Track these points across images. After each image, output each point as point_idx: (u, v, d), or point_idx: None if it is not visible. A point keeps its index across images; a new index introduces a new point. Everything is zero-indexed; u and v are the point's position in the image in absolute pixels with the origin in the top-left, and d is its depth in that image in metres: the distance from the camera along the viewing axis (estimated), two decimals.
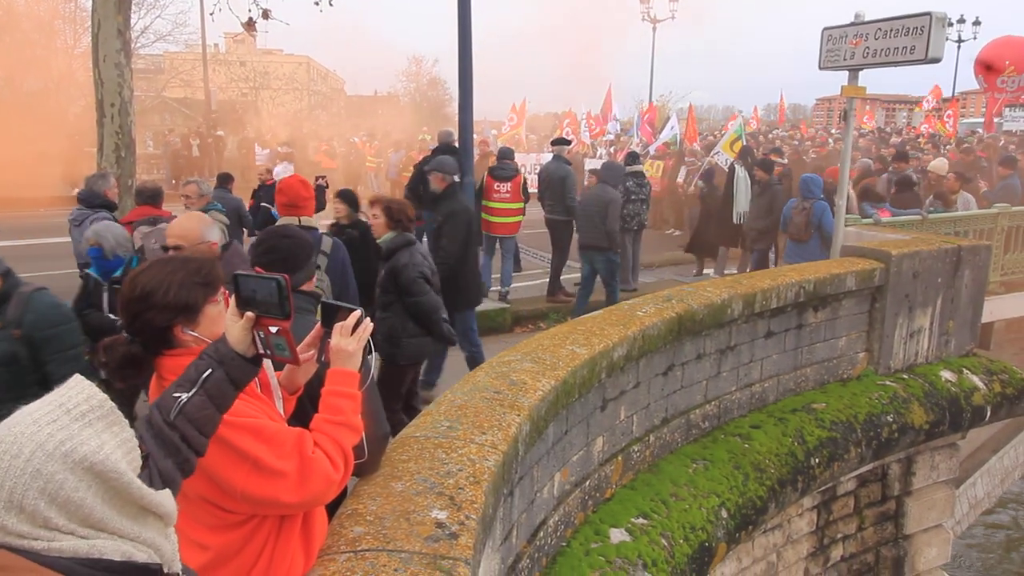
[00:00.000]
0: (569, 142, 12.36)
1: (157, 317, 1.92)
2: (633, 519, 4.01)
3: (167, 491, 1.28)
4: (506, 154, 10.16)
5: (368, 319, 2.11)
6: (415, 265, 5.03)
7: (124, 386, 1.96)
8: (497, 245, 9.94)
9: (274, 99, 44.07)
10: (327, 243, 5.20)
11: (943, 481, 6.41)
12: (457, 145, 9.27)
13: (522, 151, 21.49)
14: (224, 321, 1.85)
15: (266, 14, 6.67)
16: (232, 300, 1.82)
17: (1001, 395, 6.25)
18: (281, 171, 16.16)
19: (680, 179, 15.16)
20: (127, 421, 1.20)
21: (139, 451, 1.21)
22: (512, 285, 9.95)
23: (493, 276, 10.04)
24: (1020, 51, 23.89)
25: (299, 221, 5.12)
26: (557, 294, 9.87)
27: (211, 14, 7.82)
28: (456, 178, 7.22)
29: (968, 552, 16.94)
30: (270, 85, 46.11)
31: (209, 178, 14.33)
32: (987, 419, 6.26)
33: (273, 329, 1.81)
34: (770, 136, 25.44)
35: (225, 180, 9.62)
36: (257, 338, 1.81)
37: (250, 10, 6.51)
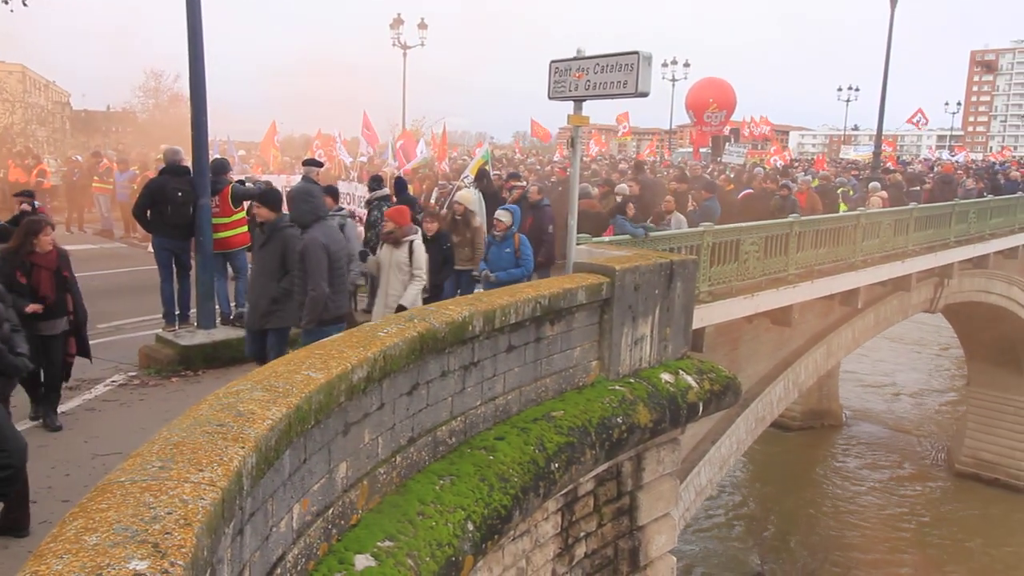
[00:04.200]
0: (320, 164, 12.08)
1: None
2: (379, 543, 3.96)
3: None
4: (218, 167, 9.65)
5: None
6: None
7: None
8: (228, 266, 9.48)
9: None
10: None
11: (668, 473, 7.10)
12: (189, 165, 8.70)
13: (272, 172, 20.71)
14: None
15: None
16: None
17: (710, 391, 7.08)
18: None
19: (432, 201, 15.47)
20: None
21: None
22: None
23: (232, 303, 9.52)
24: (721, 91, 27.66)
25: None
26: None
27: None
28: None
29: (697, 536, 18.97)
30: None
31: None
32: (700, 414, 7.04)
33: None
34: (528, 162, 26.90)
35: None
36: None
37: None
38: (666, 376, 6.92)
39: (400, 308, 7.24)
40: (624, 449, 6.28)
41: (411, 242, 7.56)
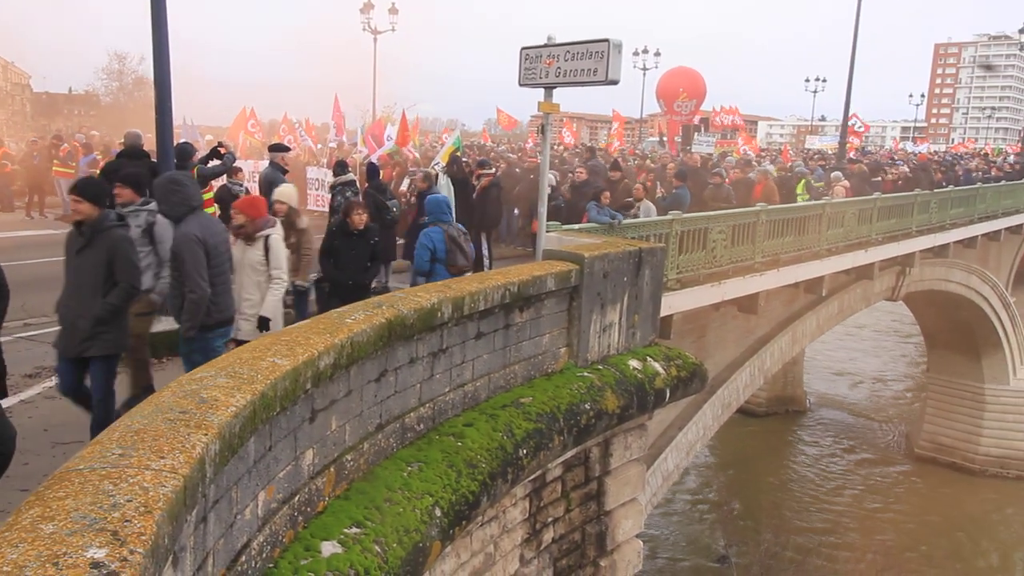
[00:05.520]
0: (288, 148, 11.92)
1: None
2: (346, 529, 3.95)
3: None
4: (182, 152, 9.44)
5: None
6: None
7: None
8: None
9: None
10: None
11: (635, 459, 7.17)
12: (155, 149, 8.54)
13: (240, 157, 20.42)
14: None
15: None
16: None
17: (677, 378, 7.15)
18: None
19: (403, 188, 15.37)
20: None
21: None
22: None
23: None
24: (692, 80, 27.80)
25: None
26: None
27: None
28: None
29: (664, 520, 19.21)
30: None
31: None
32: (667, 400, 7.12)
33: None
34: (499, 149, 26.80)
35: None
36: None
37: None
38: (634, 363, 6.97)
39: (262, 321, 6.33)
40: (592, 435, 6.33)
41: (266, 237, 6.41)
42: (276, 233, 6.53)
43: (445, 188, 11.28)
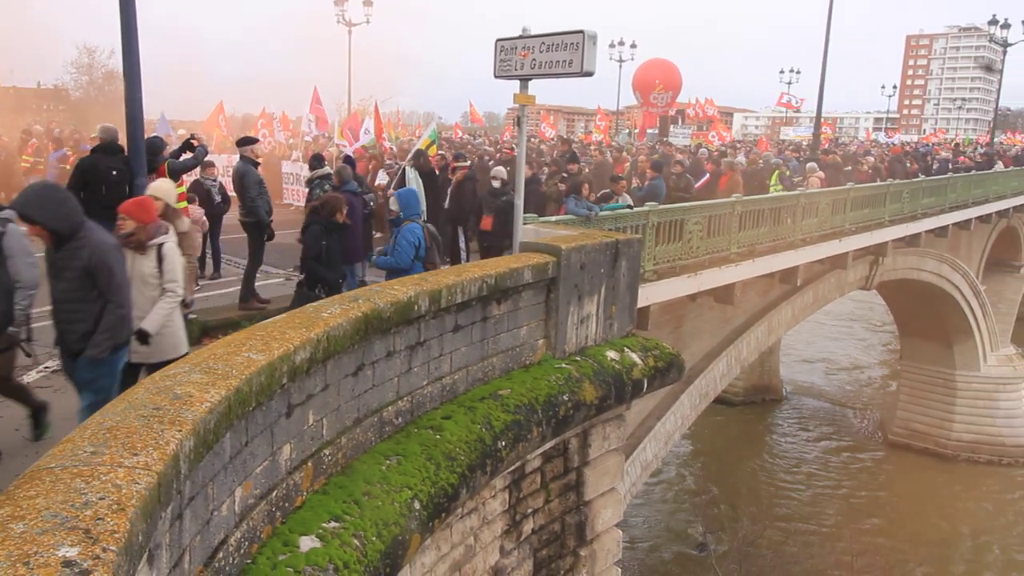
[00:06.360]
0: (255, 140, 11.76)
1: None
2: (324, 524, 3.93)
3: None
4: (152, 147, 9.30)
5: None
6: None
7: None
8: None
9: None
10: None
11: (614, 449, 7.21)
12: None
13: (214, 152, 20.20)
14: None
15: None
16: None
17: (654, 368, 7.19)
18: None
19: (380, 182, 15.29)
20: None
21: None
22: (201, 294, 9.28)
23: None
24: (667, 72, 27.93)
25: None
26: (250, 301, 9.38)
27: None
28: None
29: (643, 510, 19.36)
30: None
31: None
32: (645, 390, 7.16)
33: None
34: (476, 142, 26.79)
35: None
36: None
37: None
38: (612, 354, 7.00)
39: (142, 335, 5.47)
40: (570, 426, 6.34)
41: (159, 247, 5.64)
42: (171, 241, 5.82)
43: (414, 181, 11.25)
